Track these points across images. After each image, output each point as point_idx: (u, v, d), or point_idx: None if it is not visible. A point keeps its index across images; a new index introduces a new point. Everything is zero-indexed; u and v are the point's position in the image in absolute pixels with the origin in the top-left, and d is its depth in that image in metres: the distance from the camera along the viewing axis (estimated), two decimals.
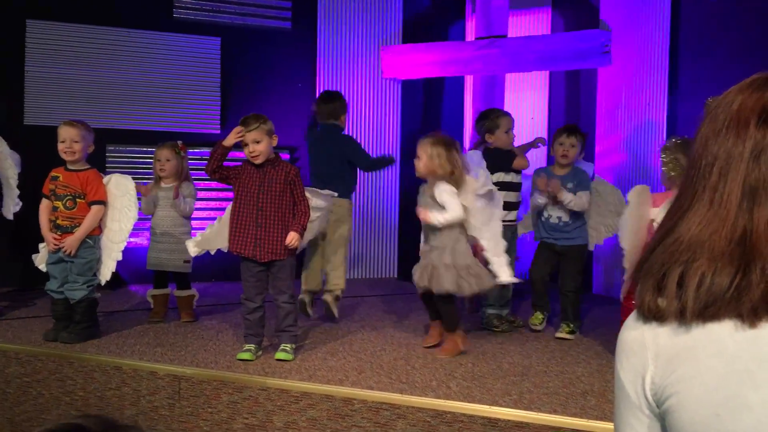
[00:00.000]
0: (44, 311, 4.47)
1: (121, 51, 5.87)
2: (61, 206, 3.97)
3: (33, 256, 4.13)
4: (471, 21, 6.82)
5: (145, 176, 4.94)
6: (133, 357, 3.69)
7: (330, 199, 4.26)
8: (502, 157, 4.53)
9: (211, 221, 6.03)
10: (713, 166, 0.87)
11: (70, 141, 3.95)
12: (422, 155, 3.87)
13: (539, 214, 4.47)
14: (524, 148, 4.90)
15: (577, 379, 3.43)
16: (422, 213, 3.86)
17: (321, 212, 4.17)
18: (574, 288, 4.35)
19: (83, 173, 3.99)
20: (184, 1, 6.09)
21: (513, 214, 4.61)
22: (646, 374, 0.88)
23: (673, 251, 0.87)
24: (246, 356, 3.64)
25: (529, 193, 4.60)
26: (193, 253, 3.96)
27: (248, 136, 3.73)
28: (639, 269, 0.92)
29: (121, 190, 4.03)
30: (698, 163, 0.89)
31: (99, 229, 4.02)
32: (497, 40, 6.05)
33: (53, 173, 4.04)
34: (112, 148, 5.84)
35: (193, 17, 6.13)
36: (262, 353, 3.76)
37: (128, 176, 4.12)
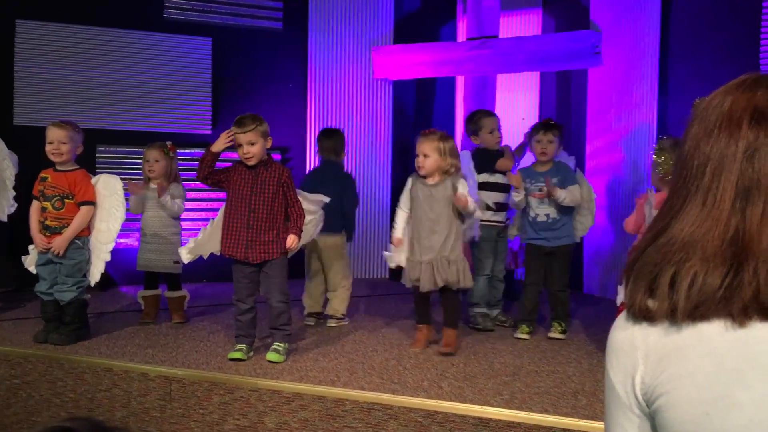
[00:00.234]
0: (34, 313, 4.44)
1: (111, 51, 5.85)
2: (50, 207, 3.94)
3: (23, 257, 4.11)
4: (462, 21, 6.83)
5: (136, 177, 4.92)
6: (124, 358, 3.68)
7: (320, 203, 4.18)
8: (487, 158, 4.54)
9: (204, 222, 6.04)
10: (706, 167, 0.88)
11: (57, 142, 3.92)
12: (431, 153, 3.86)
13: (525, 213, 4.40)
14: (519, 150, 4.90)
15: (569, 379, 3.44)
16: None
17: (313, 216, 4.12)
18: (562, 287, 4.33)
19: (71, 174, 3.97)
20: (174, 1, 6.08)
21: (501, 215, 4.61)
22: (636, 374, 0.89)
23: (666, 251, 0.87)
24: (237, 355, 3.63)
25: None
26: (186, 260, 3.88)
27: (243, 138, 3.65)
28: (630, 269, 0.92)
29: (109, 190, 4.01)
30: (690, 164, 0.90)
31: (88, 230, 4.00)
32: (488, 41, 6.06)
33: (42, 174, 4.02)
34: (102, 148, 5.81)
35: (183, 17, 6.11)
36: (253, 354, 3.74)
37: (116, 176, 4.09)
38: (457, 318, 4.04)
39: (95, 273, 4.00)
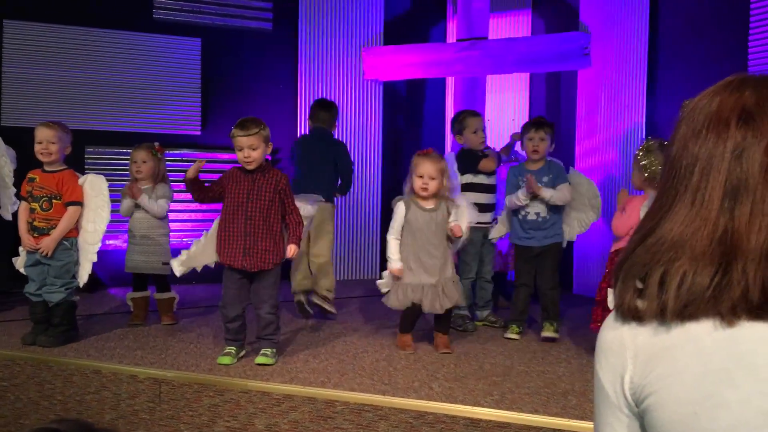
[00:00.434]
0: (23, 314, 4.41)
1: (100, 51, 5.82)
2: (38, 208, 3.92)
3: (13, 259, 4.09)
4: (452, 23, 6.85)
5: (125, 178, 4.90)
6: (113, 360, 3.66)
7: (317, 205, 4.19)
8: (470, 160, 4.54)
9: (195, 224, 6.02)
10: (694, 167, 0.88)
11: (46, 142, 3.90)
12: (437, 175, 3.88)
13: (515, 212, 4.36)
14: (507, 150, 4.91)
15: (558, 379, 3.45)
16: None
17: (307, 219, 4.11)
18: (552, 286, 4.32)
19: (59, 174, 3.95)
20: (163, 1, 6.06)
21: (486, 216, 4.60)
22: (625, 374, 0.89)
23: (655, 251, 0.88)
24: (226, 360, 3.59)
25: (504, 194, 4.48)
26: (179, 273, 3.77)
27: (245, 141, 3.57)
28: (620, 269, 0.92)
29: (95, 190, 3.98)
30: (679, 164, 0.90)
31: (76, 230, 3.98)
32: (478, 42, 6.08)
33: (30, 175, 4.00)
34: (91, 149, 5.78)
35: (173, 18, 6.09)
36: (244, 354, 3.73)
37: (101, 176, 4.05)
38: (449, 325, 4.15)
39: (83, 274, 3.98)
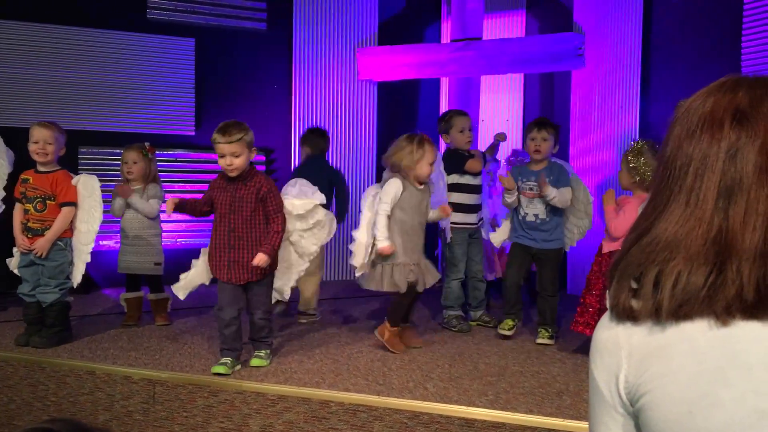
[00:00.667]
0: (16, 315, 4.40)
1: (94, 51, 5.80)
2: (32, 209, 3.91)
3: (7, 260, 4.07)
4: (446, 23, 6.85)
5: (119, 178, 4.88)
6: (107, 361, 3.65)
7: (317, 195, 3.90)
8: (456, 160, 4.53)
9: (189, 224, 6.01)
10: (689, 167, 0.88)
11: (43, 142, 3.89)
12: (435, 159, 3.97)
13: (515, 212, 4.33)
14: (491, 150, 4.91)
15: (553, 379, 3.46)
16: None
17: (320, 219, 3.87)
18: (552, 292, 4.25)
19: (52, 174, 3.94)
20: (157, 1, 6.04)
21: (472, 217, 4.59)
22: (620, 373, 0.89)
23: (650, 251, 0.88)
24: (221, 370, 3.42)
25: (500, 199, 4.49)
26: (183, 296, 3.76)
27: (227, 148, 3.39)
28: (614, 269, 0.93)
29: (88, 190, 3.97)
30: (673, 164, 0.90)
31: (70, 231, 3.97)
32: (472, 43, 6.08)
33: (23, 176, 3.99)
34: (84, 150, 5.76)
35: (167, 18, 6.08)
36: (240, 367, 3.55)
37: (94, 176, 4.04)
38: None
39: (77, 274, 3.96)
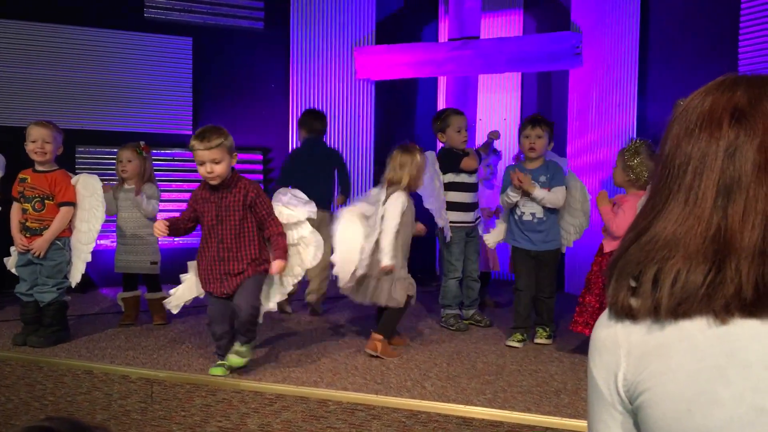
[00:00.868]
0: (13, 314, 4.39)
1: (91, 51, 5.80)
2: (30, 208, 3.90)
3: (5, 259, 4.06)
4: (444, 22, 6.85)
5: (116, 177, 4.88)
6: (105, 361, 3.64)
7: (309, 206, 3.64)
8: (452, 159, 4.52)
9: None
10: (688, 166, 0.89)
11: (41, 141, 3.88)
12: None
13: (512, 212, 4.24)
14: (484, 149, 4.90)
15: (551, 378, 3.46)
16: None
17: (305, 236, 3.59)
18: (550, 294, 4.21)
19: (51, 174, 3.93)
20: (155, 0, 6.04)
21: (470, 215, 4.59)
22: (619, 371, 0.89)
23: (649, 250, 0.88)
24: (219, 371, 3.39)
25: (499, 192, 4.36)
26: (175, 310, 3.61)
27: (206, 155, 3.18)
28: (613, 268, 0.93)
29: (88, 190, 3.96)
30: (672, 163, 0.91)
31: (69, 230, 3.97)
32: (470, 42, 6.09)
33: (21, 175, 3.98)
34: (81, 149, 5.76)
35: (164, 17, 6.07)
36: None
37: (95, 176, 4.04)
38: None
39: (76, 274, 3.96)
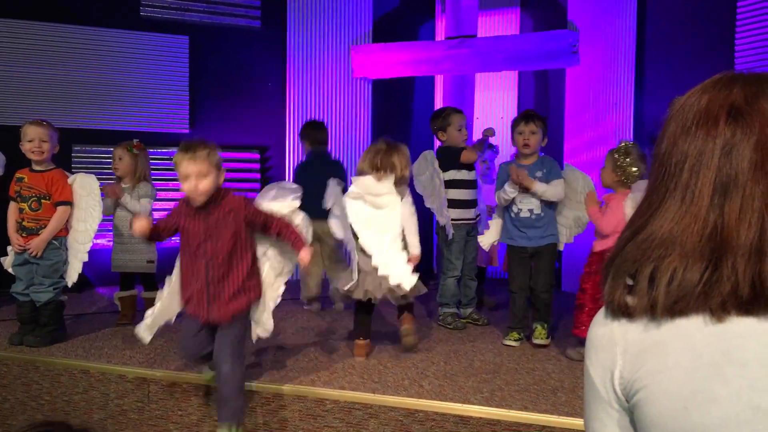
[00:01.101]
0: (9, 314, 4.38)
1: (87, 49, 5.78)
2: (27, 208, 3.90)
3: (1, 258, 4.05)
4: (441, 21, 6.85)
5: (112, 176, 4.87)
6: (101, 360, 3.64)
7: (296, 194, 3.25)
8: (452, 155, 4.52)
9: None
10: (684, 164, 0.88)
11: (38, 140, 3.87)
12: None
13: (507, 209, 4.17)
14: (479, 146, 4.90)
15: (548, 376, 3.47)
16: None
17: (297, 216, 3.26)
18: (547, 289, 4.12)
19: (48, 173, 3.93)
20: None
21: (469, 212, 4.59)
22: (615, 369, 0.89)
23: (645, 248, 0.88)
24: (208, 377, 3.28)
25: (494, 190, 4.28)
26: (147, 338, 3.17)
27: (192, 168, 2.80)
28: (610, 266, 0.93)
29: (85, 189, 3.96)
30: (668, 161, 0.90)
31: (65, 230, 3.96)
32: (467, 40, 6.08)
33: (18, 174, 3.97)
34: (78, 148, 5.75)
35: (160, 15, 6.06)
36: None
37: (92, 175, 4.04)
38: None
39: (72, 273, 3.95)
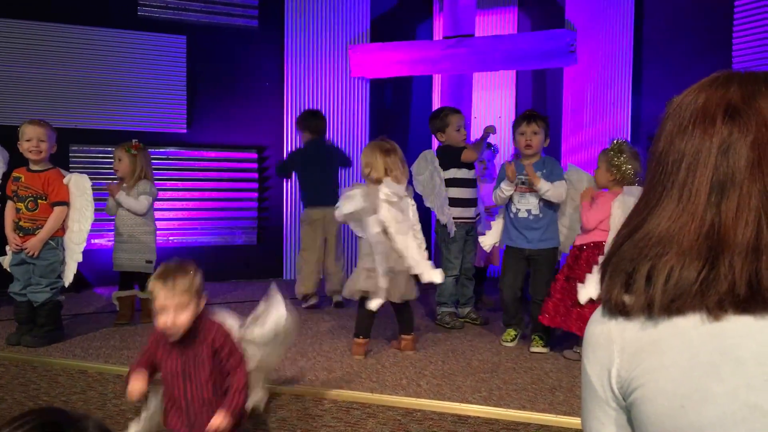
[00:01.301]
0: (7, 314, 4.37)
1: (84, 49, 5.77)
2: (23, 208, 3.89)
3: (0, 258, 4.05)
4: (438, 20, 6.85)
5: (110, 177, 4.87)
6: (99, 360, 3.63)
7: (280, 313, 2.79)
8: (452, 154, 4.53)
9: (182, 222, 5.99)
10: (681, 162, 0.89)
11: (36, 140, 3.87)
12: None
13: (507, 210, 4.11)
14: (478, 145, 4.90)
15: (546, 375, 3.47)
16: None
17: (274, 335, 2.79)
18: (545, 295, 3.92)
19: (44, 173, 3.92)
20: None
21: (471, 211, 4.59)
22: (612, 368, 0.89)
23: (643, 247, 0.88)
24: None
25: (492, 189, 4.24)
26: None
27: (169, 301, 2.35)
28: (607, 265, 0.93)
29: (79, 189, 3.95)
30: (665, 160, 0.91)
31: (62, 230, 3.96)
32: (465, 40, 6.08)
33: (15, 174, 3.96)
34: (75, 148, 5.74)
35: (158, 15, 6.05)
36: None
37: (85, 175, 4.02)
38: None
39: (68, 274, 3.95)
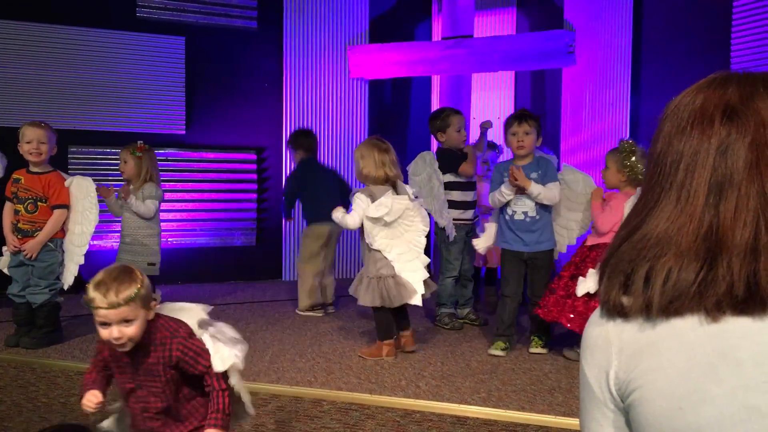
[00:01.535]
0: (6, 316, 4.37)
1: (83, 50, 5.78)
2: (23, 210, 3.89)
3: None
4: (437, 21, 6.86)
5: (109, 178, 4.87)
6: None
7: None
8: (451, 158, 4.51)
9: (184, 223, 5.99)
10: (679, 164, 0.89)
11: (36, 142, 3.86)
12: None
13: (502, 212, 4.00)
14: (479, 146, 4.89)
15: (545, 376, 3.47)
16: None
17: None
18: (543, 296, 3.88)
19: (45, 176, 3.92)
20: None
21: (468, 213, 4.59)
22: (610, 369, 0.89)
23: (641, 248, 0.88)
24: None
25: (488, 192, 4.17)
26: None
27: (112, 314, 2.05)
28: (605, 266, 0.93)
29: (82, 192, 3.95)
30: (663, 161, 0.91)
31: (62, 232, 3.95)
32: (463, 40, 6.09)
33: (15, 175, 3.96)
34: (74, 149, 5.74)
35: (156, 16, 6.05)
36: None
37: (89, 178, 4.03)
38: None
39: (69, 276, 3.95)
